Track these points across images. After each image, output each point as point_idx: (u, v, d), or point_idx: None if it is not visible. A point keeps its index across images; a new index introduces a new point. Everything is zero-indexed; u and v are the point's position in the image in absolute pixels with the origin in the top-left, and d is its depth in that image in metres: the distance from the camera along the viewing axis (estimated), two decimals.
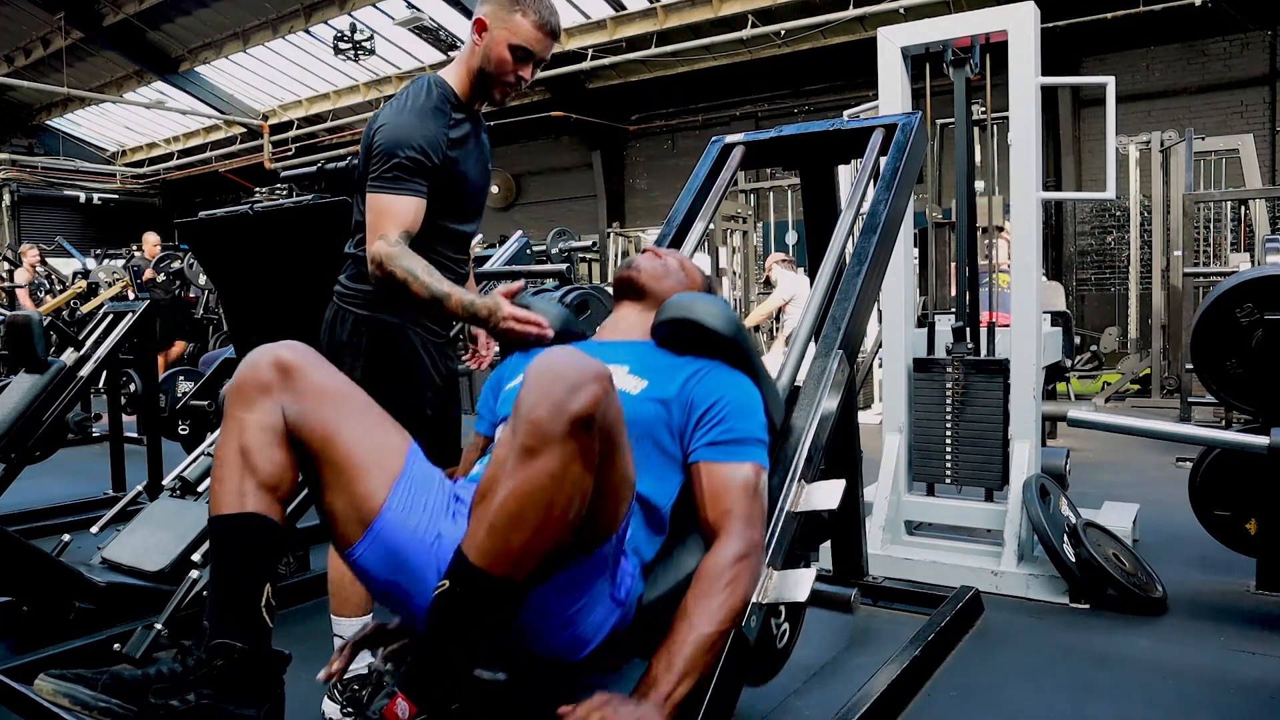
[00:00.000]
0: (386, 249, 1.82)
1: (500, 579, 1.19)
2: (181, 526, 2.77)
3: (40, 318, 3.70)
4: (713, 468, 1.46)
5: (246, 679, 1.28)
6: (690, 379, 1.51)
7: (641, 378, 1.53)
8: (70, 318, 8.43)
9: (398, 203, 1.85)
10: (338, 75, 14.75)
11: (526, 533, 1.16)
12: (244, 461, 1.33)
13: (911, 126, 2.23)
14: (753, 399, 1.53)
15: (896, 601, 2.78)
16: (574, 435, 1.14)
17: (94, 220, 18.14)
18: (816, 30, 10.39)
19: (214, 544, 1.35)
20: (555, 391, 1.15)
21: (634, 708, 1.27)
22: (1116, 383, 7.86)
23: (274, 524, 1.33)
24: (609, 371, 1.20)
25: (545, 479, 1.15)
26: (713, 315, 1.58)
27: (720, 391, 1.50)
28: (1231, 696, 2.16)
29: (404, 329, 1.98)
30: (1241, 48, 9.92)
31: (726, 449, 1.46)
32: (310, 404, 1.35)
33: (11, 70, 15.04)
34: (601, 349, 1.64)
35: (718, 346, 1.57)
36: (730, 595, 1.36)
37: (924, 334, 3.42)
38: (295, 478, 1.37)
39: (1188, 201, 6.79)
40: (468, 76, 2.00)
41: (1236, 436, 2.71)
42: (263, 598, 1.31)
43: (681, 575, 1.45)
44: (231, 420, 1.35)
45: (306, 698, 1.98)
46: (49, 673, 1.22)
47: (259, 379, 1.35)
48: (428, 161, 1.88)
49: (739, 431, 1.48)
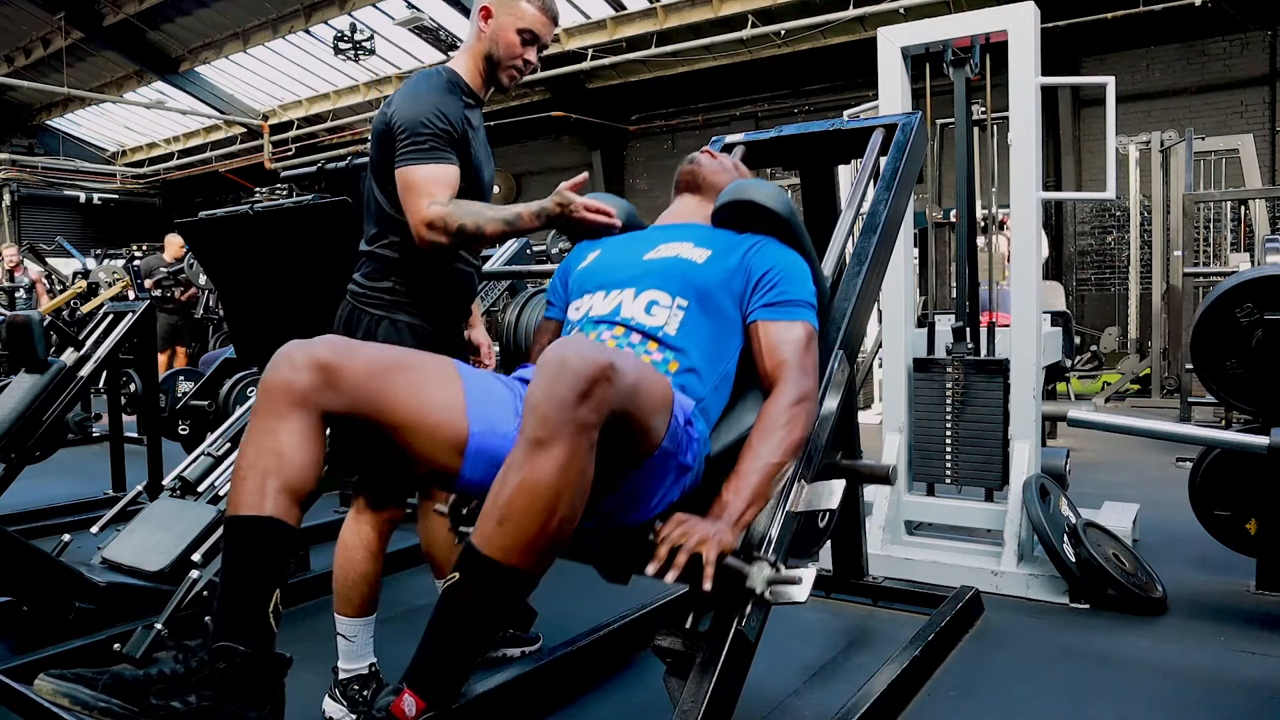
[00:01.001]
0: (440, 209, 1.83)
1: (511, 569, 1.21)
2: (181, 526, 2.76)
3: (40, 318, 3.70)
4: (769, 326, 1.64)
5: (248, 681, 1.28)
6: (749, 250, 1.70)
7: (705, 248, 1.72)
8: (70, 318, 8.43)
9: (436, 170, 1.86)
10: (338, 75, 14.76)
11: (536, 524, 1.20)
12: (269, 464, 1.33)
13: (911, 126, 2.23)
14: (803, 269, 1.71)
15: (896, 601, 2.78)
16: (579, 431, 1.20)
17: (94, 220, 18.15)
18: (816, 30, 10.39)
19: (228, 544, 1.34)
20: (561, 387, 1.20)
21: (710, 525, 1.39)
22: (1116, 383, 7.86)
23: (289, 529, 1.34)
24: (614, 361, 1.24)
25: (553, 471, 1.19)
26: (769, 196, 1.79)
27: (774, 260, 1.68)
28: (1231, 696, 2.16)
29: (419, 329, 1.97)
30: (1241, 48, 9.92)
31: (781, 309, 1.64)
32: (362, 391, 1.37)
33: (11, 70, 15.04)
34: (665, 231, 1.84)
35: (773, 223, 1.77)
36: (789, 433, 1.51)
37: (924, 334, 3.42)
38: (317, 481, 1.39)
39: (1188, 201, 6.79)
40: (475, 64, 2.02)
41: (1236, 436, 2.70)
42: (270, 603, 1.31)
43: (744, 428, 1.60)
44: (261, 423, 1.35)
45: (307, 698, 1.99)
46: (49, 673, 1.22)
47: (295, 383, 1.35)
48: (454, 133, 1.90)
49: (792, 295, 1.66)
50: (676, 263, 1.70)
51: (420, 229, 1.84)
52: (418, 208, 1.84)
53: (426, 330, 1.98)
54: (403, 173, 1.87)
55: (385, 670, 2.03)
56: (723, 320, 1.65)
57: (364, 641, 2.01)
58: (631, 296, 1.67)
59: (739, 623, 1.47)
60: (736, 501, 1.44)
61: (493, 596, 1.23)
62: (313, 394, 1.35)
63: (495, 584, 1.22)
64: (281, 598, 1.34)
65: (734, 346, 1.66)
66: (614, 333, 1.63)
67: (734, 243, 1.74)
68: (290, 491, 1.33)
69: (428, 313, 1.99)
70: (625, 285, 1.69)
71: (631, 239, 1.84)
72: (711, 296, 1.65)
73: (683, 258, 1.70)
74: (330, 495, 3.99)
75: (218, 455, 3.09)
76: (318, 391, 1.36)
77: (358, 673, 2.00)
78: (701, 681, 1.42)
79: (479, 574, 1.22)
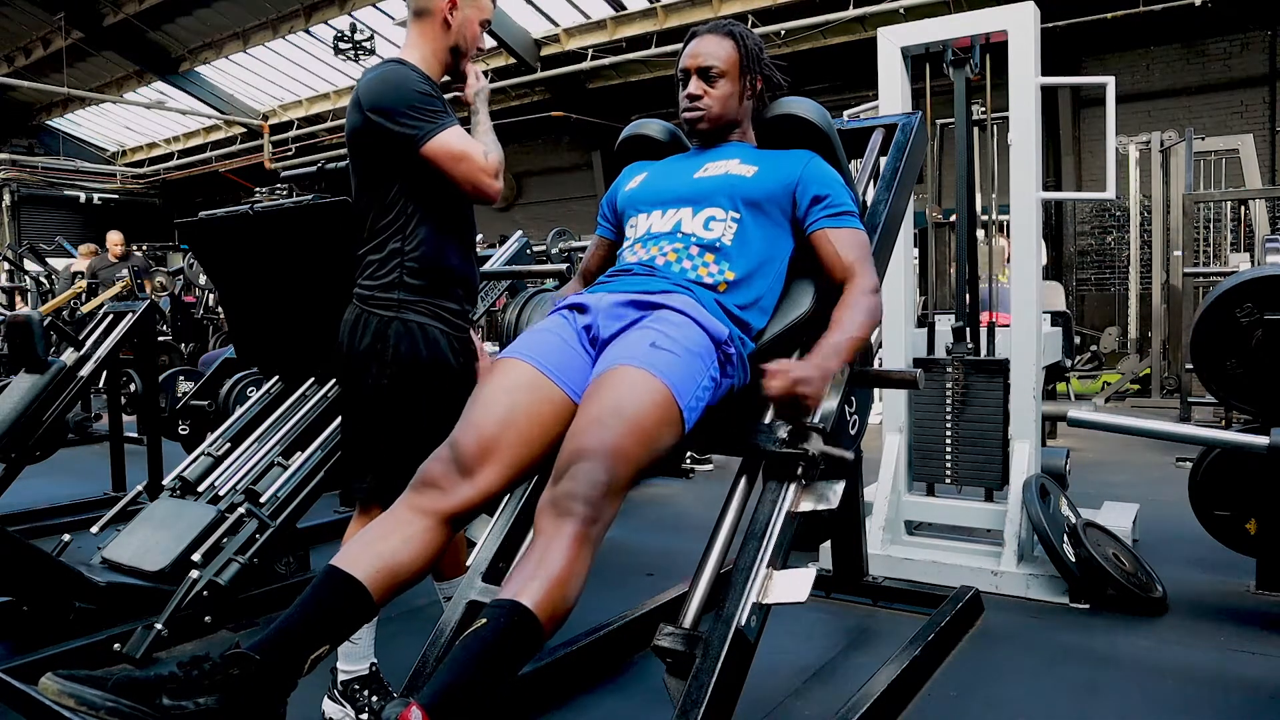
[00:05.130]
0: (496, 158, 1.97)
1: (545, 630, 1.29)
2: (181, 526, 2.76)
3: (40, 318, 3.70)
4: (836, 232, 1.83)
5: (255, 690, 1.29)
6: (806, 166, 1.86)
7: (752, 165, 1.87)
8: (70, 318, 8.42)
9: (458, 131, 1.92)
10: (338, 75, 14.76)
11: (572, 603, 1.34)
12: (390, 548, 1.44)
13: (911, 126, 2.23)
14: (846, 187, 1.90)
15: (896, 601, 2.78)
16: (598, 532, 1.39)
17: (94, 220, 18.10)
18: (816, 30, 10.40)
19: (316, 585, 1.41)
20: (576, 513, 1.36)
21: (804, 366, 1.60)
22: (1116, 383, 7.86)
23: (373, 604, 1.41)
24: (609, 479, 1.40)
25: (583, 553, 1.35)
26: (810, 111, 1.96)
27: (828, 178, 1.86)
28: (1231, 696, 2.16)
29: (428, 329, 1.97)
30: (1241, 48, 9.92)
31: (842, 219, 1.84)
32: (504, 471, 1.53)
33: (11, 70, 15.04)
34: (709, 154, 1.95)
35: (814, 137, 1.94)
36: (868, 315, 1.74)
37: (924, 334, 3.42)
38: (411, 580, 1.47)
39: (1188, 201, 6.79)
40: (437, 57, 2.04)
41: (1236, 436, 2.70)
42: (316, 653, 1.36)
43: (794, 314, 1.84)
44: (403, 514, 1.48)
45: (307, 698, 1.99)
46: (54, 672, 1.22)
47: (441, 505, 1.49)
48: (439, 100, 1.93)
49: (847, 206, 1.85)
50: (726, 179, 1.85)
51: (491, 184, 1.95)
52: (476, 166, 1.92)
53: (437, 329, 1.98)
54: (437, 142, 1.89)
55: (385, 670, 2.04)
56: (772, 228, 1.84)
57: (366, 643, 2.01)
58: (690, 214, 1.83)
59: (739, 623, 1.47)
60: (819, 357, 1.65)
61: (523, 647, 1.30)
62: (458, 508, 1.50)
63: (529, 636, 1.29)
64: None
65: (785, 249, 1.86)
66: (675, 246, 1.80)
67: (779, 156, 1.89)
68: (393, 576, 1.42)
69: (435, 313, 1.99)
70: (682, 204, 1.86)
71: (677, 161, 2.00)
72: (761, 207, 1.83)
73: (732, 174, 1.86)
74: (330, 495, 3.98)
75: (218, 455, 3.09)
76: (463, 504, 1.50)
77: (359, 673, 2.00)
78: (701, 681, 1.42)
79: (520, 623, 1.28)
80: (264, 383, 3.45)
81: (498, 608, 1.30)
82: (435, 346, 1.96)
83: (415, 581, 1.47)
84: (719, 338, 1.66)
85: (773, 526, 1.58)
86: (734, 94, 1.94)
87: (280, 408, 3.16)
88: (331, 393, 3.08)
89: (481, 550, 1.71)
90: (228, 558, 2.56)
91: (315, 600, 1.39)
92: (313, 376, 3.21)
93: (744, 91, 1.95)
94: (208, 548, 2.63)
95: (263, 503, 2.72)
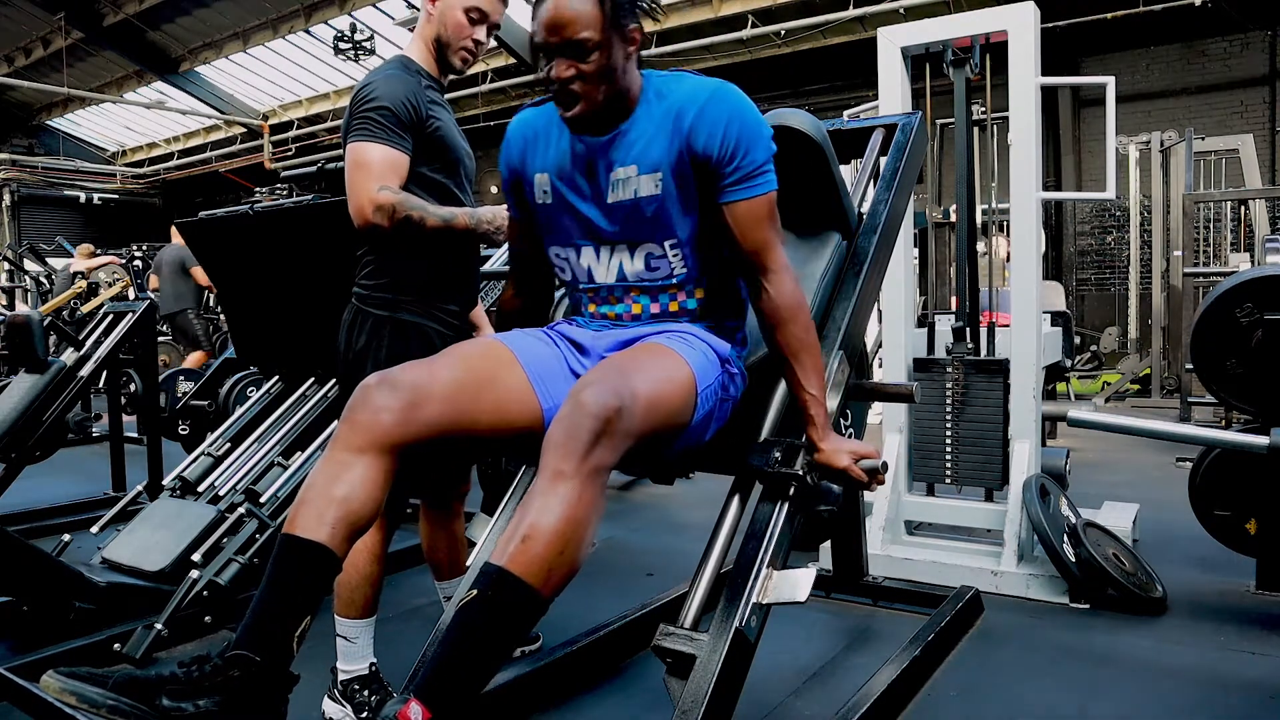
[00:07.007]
0: (391, 196, 1.87)
1: (526, 584, 1.24)
2: (181, 526, 2.76)
3: (40, 317, 3.70)
4: (736, 207, 1.57)
5: (256, 692, 1.29)
6: (687, 132, 1.53)
7: (653, 169, 1.56)
8: (70, 318, 8.42)
9: (389, 153, 1.88)
10: (338, 75, 14.76)
11: (553, 547, 1.25)
12: (336, 495, 1.36)
13: (911, 126, 2.23)
14: (754, 114, 1.56)
15: (896, 601, 2.78)
16: (594, 473, 1.29)
17: (94, 220, 18.14)
18: (816, 30, 10.40)
19: (277, 559, 1.36)
20: (579, 431, 1.28)
21: (832, 439, 1.60)
22: (1116, 383, 7.86)
23: (337, 560, 1.36)
24: (622, 406, 1.32)
25: (572, 502, 1.27)
26: (803, 122, 1.89)
27: (720, 124, 1.52)
28: (1231, 696, 2.16)
29: (423, 327, 1.97)
30: (1241, 48, 9.92)
31: (742, 188, 1.56)
32: (445, 417, 1.43)
33: (11, 70, 15.05)
34: (605, 151, 1.59)
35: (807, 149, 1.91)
36: (814, 360, 1.61)
37: (924, 334, 3.42)
38: (375, 519, 1.42)
39: (1188, 201, 6.79)
40: (427, 49, 2.04)
41: (1236, 436, 2.70)
42: (299, 627, 1.33)
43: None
44: (338, 455, 1.38)
45: (306, 698, 1.98)
46: (56, 670, 1.22)
47: (378, 425, 1.39)
48: (411, 114, 1.91)
49: (748, 168, 1.55)
50: (638, 209, 1.57)
51: (366, 209, 1.86)
52: (367, 188, 1.86)
53: (432, 330, 1.98)
54: (355, 148, 1.89)
55: (385, 671, 2.03)
56: (704, 208, 1.59)
57: (365, 643, 2.00)
58: (629, 257, 1.62)
59: (739, 623, 1.47)
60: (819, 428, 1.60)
61: (507, 611, 1.25)
62: (395, 432, 1.39)
63: (511, 598, 1.24)
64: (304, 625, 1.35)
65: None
66: (632, 294, 1.66)
67: (667, 136, 1.54)
68: (348, 525, 1.36)
69: (431, 313, 1.99)
70: (615, 241, 1.62)
71: (577, 161, 1.62)
72: (684, 207, 1.57)
73: (641, 199, 1.56)
74: None
75: (218, 455, 3.09)
76: (401, 428, 1.39)
77: (359, 673, 2.00)
78: (701, 681, 1.42)
79: (497, 588, 1.24)
80: (264, 383, 3.46)
81: (484, 576, 1.27)
82: (429, 345, 1.95)
83: (375, 519, 1.40)
84: (722, 355, 1.65)
85: (773, 526, 1.58)
86: (614, 62, 1.49)
87: (280, 408, 3.16)
88: (331, 393, 3.08)
89: (481, 550, 1.71)
90: (228, 558, 2.57)
91: (281, 577, 1.34)
92: (313, 376, 3.22)
93: (624, 50, 1.51)
94: (208, 548, 2.63)
95: (263, 503, 2.72)
